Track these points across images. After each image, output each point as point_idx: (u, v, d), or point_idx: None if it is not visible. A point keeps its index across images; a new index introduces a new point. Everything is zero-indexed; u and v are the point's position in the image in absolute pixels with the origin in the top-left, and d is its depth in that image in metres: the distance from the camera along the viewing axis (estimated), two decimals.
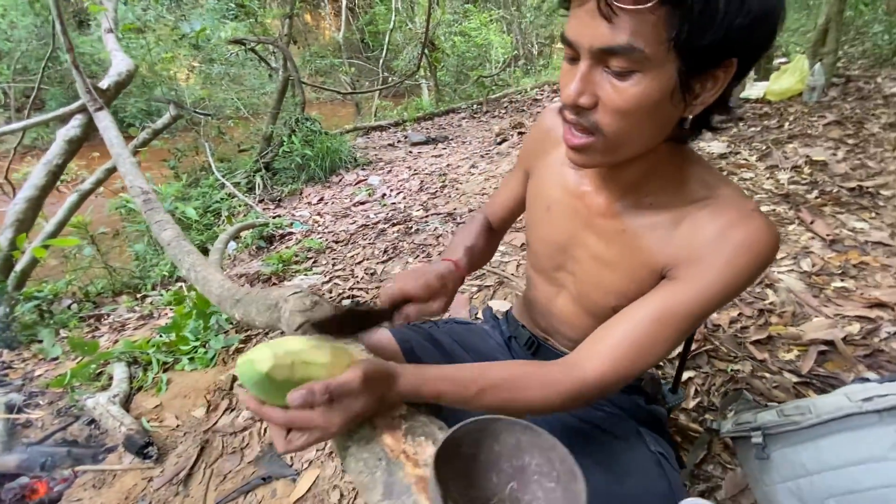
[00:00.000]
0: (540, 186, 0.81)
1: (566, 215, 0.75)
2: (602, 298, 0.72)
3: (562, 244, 0.76)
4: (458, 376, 0.60)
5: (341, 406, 0.53)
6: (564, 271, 0.78)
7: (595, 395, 0.62)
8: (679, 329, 0.61)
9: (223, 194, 4.65)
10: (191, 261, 1.53)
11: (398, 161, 5.00)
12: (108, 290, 3.30)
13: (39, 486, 1.41)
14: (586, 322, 0.78)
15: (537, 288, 0.87)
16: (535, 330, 0.95)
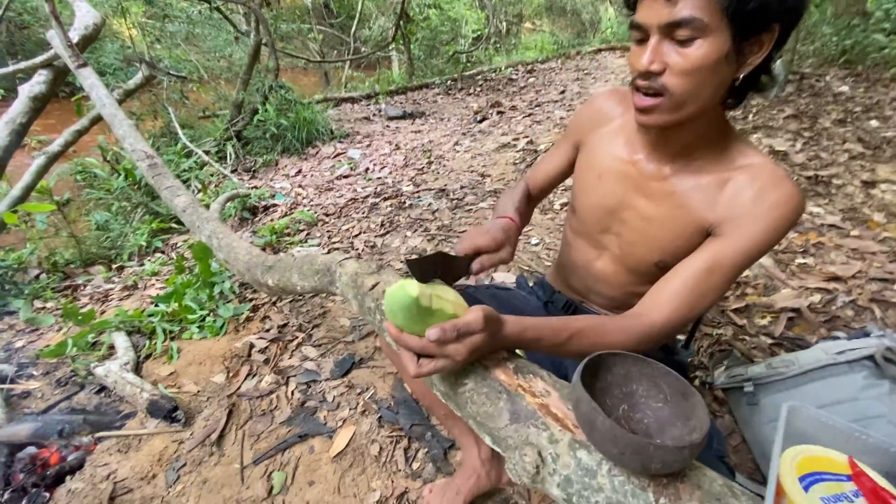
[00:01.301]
0: (591, 157, 0.92)
1: (617, 181, 0.86)
2: (647, 255, 0.83)
3: (611, 208, 0.87)
4: (552, 324, 0.70)
5: (467, 340, 0.62)
6: (610, 233, 0.89)
7: (662, 337, 0.74)
8: (728, 277, 0.73)
9: (191, 163, 4.43)
10: (211, 228, 1.52)
11: (376, 135, 4.95)
12: (77, 261, 3.12)
13: (53, 456, 1.39)
14: (626, 279, 0.90)
15: (577, 251, 0.98)
16: (571, 294, 1.06)
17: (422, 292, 0.59)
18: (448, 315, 0.62)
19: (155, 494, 1.25)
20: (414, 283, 0.59)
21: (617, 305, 0.96)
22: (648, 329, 0.73)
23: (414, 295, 0.58)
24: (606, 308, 0.99)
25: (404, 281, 0.60)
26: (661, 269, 0.80)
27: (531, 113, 4.69)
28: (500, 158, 3.51)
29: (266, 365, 1.66)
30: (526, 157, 3.45)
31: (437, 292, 0.62)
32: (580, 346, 0.70)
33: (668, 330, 0.74)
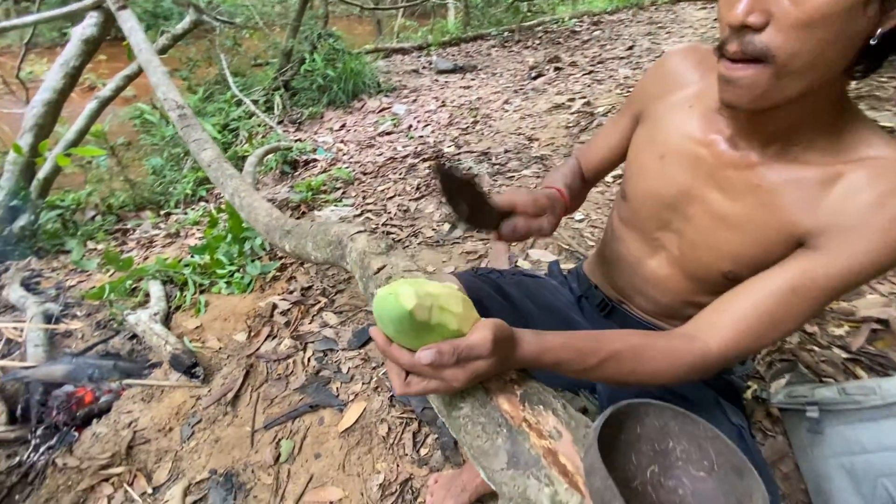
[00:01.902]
0: (654, 132, 0.73)
1: (684, 165, 0.68)
2: (713, 262, 0.66)
3: (672, 199, 0.69)
4: (578, 345, 0.56)
5: (468, 367, 0.50)
6: (668, 230, 0.72)
7: (716, 368, 0.59)
8: (816, 303, 0.56)
9: (241, 112, 4.45)
10: (234, 185, 1.46)
11: (424, 90, 4.73)
12: (130, 204, 3.26)
13: (86, 395, 1.45)
14: (684, 286, 0.73)
15: (626, 245, 0.81)
16: (610, 291, 0.90)
17: (419, 304, 0.47)
18: (450, 332, 0.50)
19: (169, 448, 1.28)
20: (410, 291, 0.47)
21: (667, 314, 0.80)
22: (700, 357, 0.58)
23: (408, 308, 0.46)
24: (653, 315, 0.83)
25: (399, 285, 0.49)
26: (731, 281, 0.64)
27: (592, 70, 4.28)
28: (552, 121, 3.24)
29: (286, 328, 1.64)
30: (580, 120, 3.16)
31: (441, 301, 0.50)
32: (612, 374, 0.57)
33: (725, 361, 0.59)
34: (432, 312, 0.49)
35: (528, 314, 0.94)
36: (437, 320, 0.49)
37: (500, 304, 0.94)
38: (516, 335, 0.54)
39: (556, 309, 0.95)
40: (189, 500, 1.16)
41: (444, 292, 0.51)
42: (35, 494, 1.16)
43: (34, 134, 2.45)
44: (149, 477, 1.21)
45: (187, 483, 1.19)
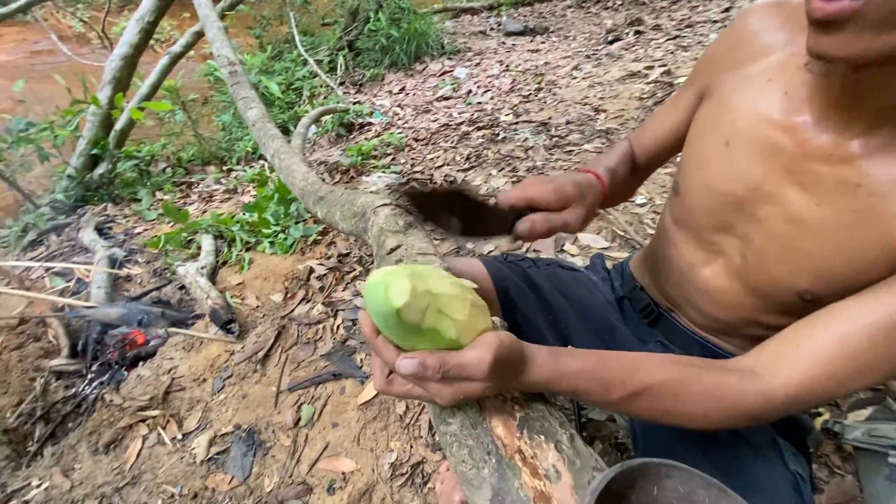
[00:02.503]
0: (721, 111, 0.58)
1: (755, 155, 0.54)
2: (786, 278, 0.53)
3: (737, 197, 0.56)
4: (602, 374, 0.46)
5: (457, 387, 0.42)
6: (730, 234, 0.59)
7: (778, 416, 0.48)
8: None
9: (306, 72, 4.49)
10: (275, 146, 1.44)
11: (489, 52, 4.49)
12: (197, 158, 3.43)
13: (139, 337, 1.55)
14: (746, 302, 0.60)
15: (676, 248, 0.68)
16: (658, 296, 0.77)
17: (410, 303, 0.39)
18: (445, 340, 0.42)
19: (201, 398, 1.33)
20: (404, 285, 0.39)
21: (724, 330, 0.67)
22: (761, 402, 0.46)
23: (396, 306, 0.39)
24: (707, 330, 0.70)
25: (394, 275, 0.40)
26: (807, 302, 0.52)
27: (678, 35, 3.82)
28: (624, 91, 2.94)
29: (320, 293, 1.64)
30: (657, 91, 2.84)
31: (441, 304, 0.41)
32: (644, 411, 0.47)
33: (792, 408, 0.47)
34: (426, 315, 0.41)
35: (557, 310, 0.84)
36: (430, 325, 0.41)
37: (528, 296, 0.84)
38: (527, 356, 0.45)
39: (591, 308, 0.84)
40: (213, 450, 1.20)
41: (449, 292, 0.42)
42: (83, 425, 1.27)
43: (112, 87, 2.60)
44: (180, 423, 1.27)
45: (213, 434, 1.24)
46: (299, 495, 1.10)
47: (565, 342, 0.82)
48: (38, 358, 1.48)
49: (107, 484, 1.13)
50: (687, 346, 0.72)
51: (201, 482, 1.14)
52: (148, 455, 1.20)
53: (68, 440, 1.24)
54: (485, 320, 0.46)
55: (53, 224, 2.28)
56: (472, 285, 0.49)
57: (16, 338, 1.53)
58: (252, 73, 3.87)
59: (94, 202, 2.57)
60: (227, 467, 1.16)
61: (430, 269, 0.45)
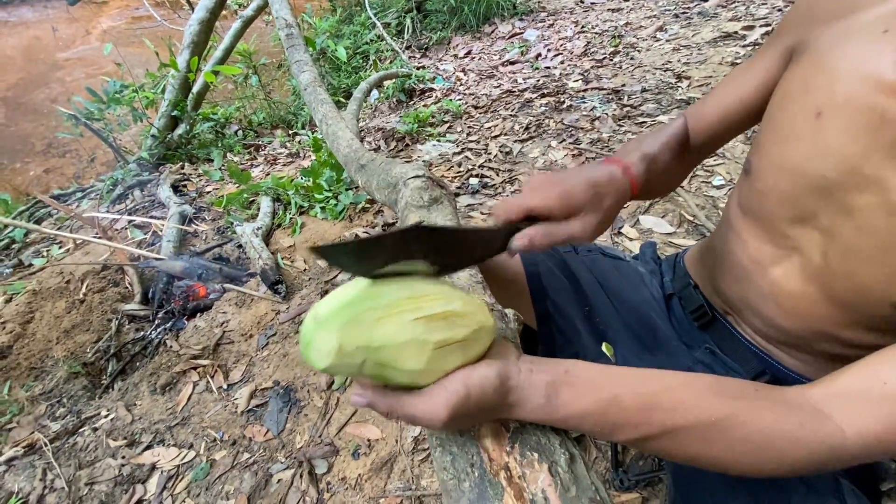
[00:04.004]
0: (815, 73, 0.47)
1: (854, 127, 0.43)
2: (882, 284, 0.43)
3: (829, 179, 0.45)
4: (611, 416, 0.38)
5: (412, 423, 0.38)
6: (811, 227, 0.49)
7: (847, 462, 0.38)
8: None
9: (373, 35, 4.46)
10: (324, 111, 1.44)
11: (564, 12, 4.17)
12: (267, 122, 3.57)
13: (201, 290, 1.67)
14: (824, 312, 0.50)
15: (742, 241, 0.57)
16: (713, 297, 0.67)
17: (334, 365, 0.33)
18: (398, 384, 0.37)
19: (247, 352, 1.41)
20: (331, 341, 0.33)
21: (792, 343, 0.57)
22: (827, 452, 0.37)
23: (320, 367, 0.33)
24: (770, 341, 0.59)
25: (328, 322, 0.33)
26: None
27: None
28: (715, 55, 2.59)
29: None
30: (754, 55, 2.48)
31: (385, 356, 0.34)
32: (670, 451, 0.39)
33: (864, 457, 0.37)
34: (364, 368, 0.35)
35: (594, 303, 0.76)
36: (371, 373, 0.35)
37: (562, 284, 0.77)
38: (512, 399, 0.38)
39: (633, 304, 0.75)
40: (253, 402, 1.28)
41: (401, 339, 0.34)
42: (146, 366, 1.40)
43: (190, 51, 2.73)
44: (226, 374, 1.36)
45: (254, 387, 1.31)
46: (326, 455, 1.13)
47: (600, 338, 0.74)
48: (116, 301, 1.64)
49: (161, 421, 1.25)
50: (741, 357, 0.62)
51: (240, 431, 1.21)
52: (197, 400, 1.29)
53: (133, 378, 1.37)
54: (475, 348, 0.39)
55: (138, 180, 2.49)
56: (478, 300, 0.41)
57: (99, 282, 1.71)
58: (321, 37, 3.91)
59: (173, 161, 2.77)
60: (264, 420, 1.23)
61: (400, 296, 0.36)
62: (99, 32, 6.93)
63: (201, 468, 1.13)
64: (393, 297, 0.36)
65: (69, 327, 1.53)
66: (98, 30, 7.03)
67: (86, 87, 2.70)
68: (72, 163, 4.37)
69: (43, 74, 5.86)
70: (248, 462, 1.14)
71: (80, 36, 6.82)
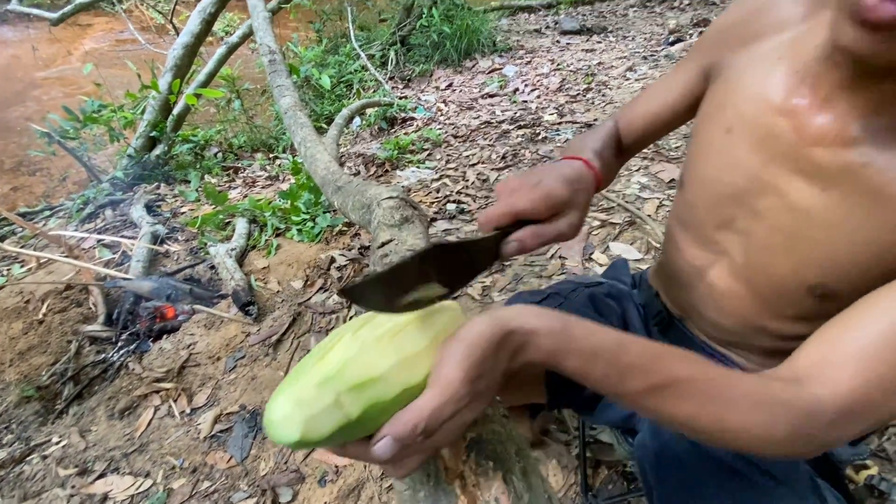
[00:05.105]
0: (726, 94, 0.53)
1: (754, 142, 0.50)
2: (793, 272, 0.49)
3: (739, 188, 0.52)
4: (621, 357, 0.37)
5: (449, 424, 0.35)
6: (731, 231, 0.55)
7: (827, 430, 0.38)
8: None
9: (357, 65, 4.57)
10: (303, 134, 1.46)
11: (541, 51, 4.37)
12: (247, 145, 3.58)
13: (169, 311, 1.63)
14: (751, 307, 0.55)
15: (681, 250, 0.63)
16: (671, 305, 0.70)
17: (304, 440, 0.31)
18: (398, 402, 0.34)
19: (213, 376, 1.37)
20: (296, 420, 0.31)
21: (732, 342, 0.61)
22: (807, 412, 0.37)
23: (288, 443, 0.31)
24: (715, 341, 0.64)
25: (279, 407, 0.31)
26: (820, 299, 0.47)
27: None
28: None
29: (339, 283, 1.65)
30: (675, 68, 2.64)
31: (356, 408, 0.32)
32: (667, 410, 0.38)
33: (843, 419, 0.37)
34: (333, 440, 0.32)
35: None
36: (358, 417, 0.32)
37: None
38: (518, 338, 0.35)
39: (636, 329, 0.76)
40: (217, 428, 1.23)
41: (359, 407, 0.32)
42: (104, 390, 1.34)
43: (173, 74, 2.75)
44: (190, 398, 1.31)
45: (219, 412, 1.26)
46: (291, 483, 1.09)
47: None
48: (77, 322, 1.58)
49: (117, 448, 1.19)
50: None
51: (202, 458, 1.16)
52: (157, 425, 1.24)
53: (90, 402, 1.31)
54: (443, 327, 0.38)
55: (110, 199, 2.45)
56: (450, 306, 0.41)
57: (61, 302, 1.65)
58: (305, 66, 3.99)
59: (149, 181, 2.73)
60: (228, 446, 1.18)
61: (355, 362, 0.33)
62: (81, 53, 6.91)
63: (157, 497, 1.08)
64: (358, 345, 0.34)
65: (25, 349, 1.46)
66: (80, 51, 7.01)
67: (62, 105, 2.67)
68: (42, 181, 4.25)
69: (19, 93, 5.77)
70: (208, 491, 1.09)
71: (61, 56, 6.79)
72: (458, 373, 0.32)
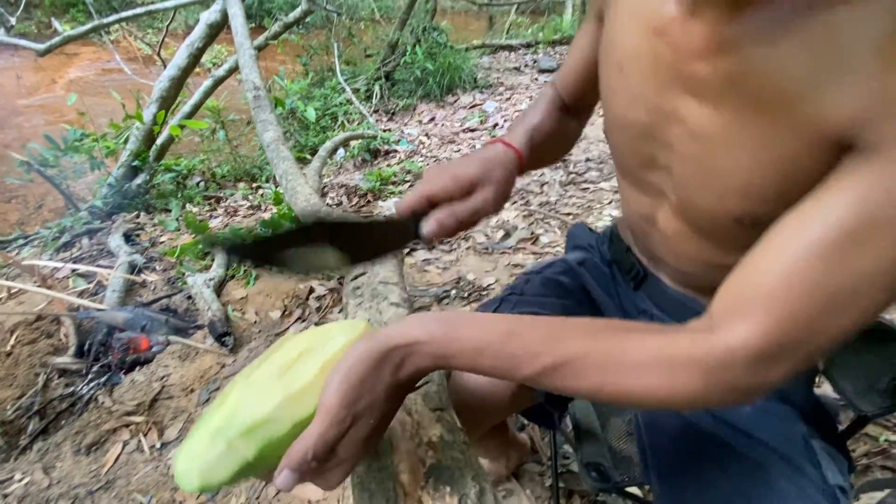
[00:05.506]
0: (613, 32, 0.51)
1: (646, 71, 0.47)
2: (715, 204, 0.45)
3: (646, 123, 0.48)
4: (508, 348, 0.38)
5: (345, 445, 0.38)
6: (657, 169, 0.51)
7: (748, 377, 0.36)
8: None
9: (342, 99, 4.69)
10: (284, 167, 1.50)
11: (520, 88, 4.57)
12: (231, 175, 3.60)
13: (143, 342, 1.60)
14: (700, 245, 0.52)
15: (628, 200, 0.62)
16: (641, 256, 0.68)
17: (205, 486, 0.35)
18: (289, 435, 0.37)
19: (186, 408, 1.35)
20: (191, 480, 0.35)
21: (698, 286, 0.59)
22: (720, 363, 0.35)
23: (192, 489, 0.35)
24: (685, 286, 0.62)
25: (180, 459, 0.35)
26: (751, 228, 0.43)
27: None
28: None
29: (317, 313, 1.66)
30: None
31: (249, 453, 0.35)
32: (570, 387, 0.38)
33: (760, 360, 0.35)
34: (237, 477, 0.36)
35: None
36: (254, 459, 0.36)
37: None
38: (401, 351, 0.38)
39: (592, 299, 0.74)
40: None
41: (265, 414, 0.35)
42: (71, 424, 1.30)
43: (158, 105, 2.79)
44: (161, 431, 1.29)
45: None
46: None
47: None
48: (47, 354, 1.54)
49: (82, 485, 1.15)
50: (675, 310, 0.63)
51: (170, 494, 1.13)
52: (125, 461, 1.21)
53: (55, 438, 1.27)
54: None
55: (88, 228, 2.43)
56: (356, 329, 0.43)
57: (31, 333, 1.61)
58: (291, 98, 4.08)
59: (129, 210, 2.72)
60: None
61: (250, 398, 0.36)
62: (65, 82, 6.93)
63: None
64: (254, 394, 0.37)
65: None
66: (65, 79, 7.03)
67: (44, 134, 2.68)
68: (17, 209, 4.17)
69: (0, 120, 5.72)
70: None
71: (45, 84, 6.79)
72: (335, 398, 0.35)
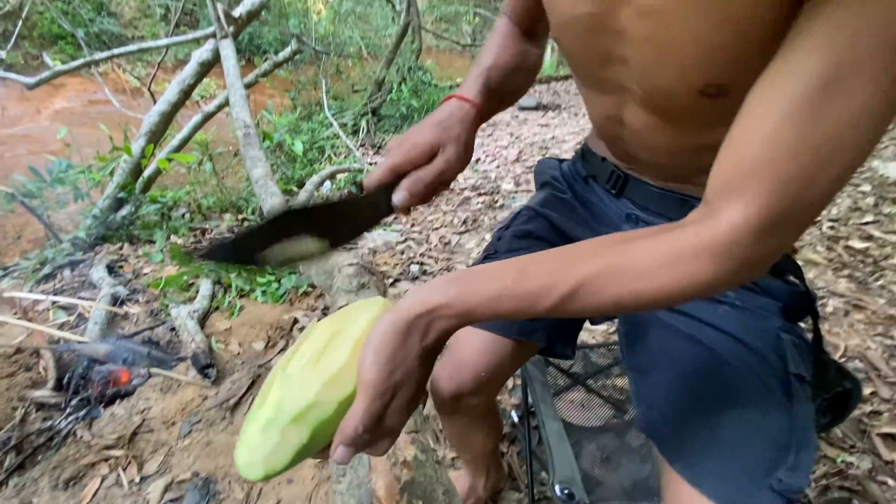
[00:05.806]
0: None
1: None
2: (678, 82, 0.44)
3: (594, 16, 0.47)
4: (523, 287, 0.38)
5: (391, 415, 0.40)
6: (614, 63, 0.50)
7: (759, 249, 0.35)
8: (886, 98, 0.31)
9: (330, 133, 4.82)
10: (272, 202, 1.56)
11: (502, 125, 4.77)
12: (216, 207, 3.63)
13: (123, 374, 1.60)
14: (670, 135, 0.52)
15: (593, 106, 0.62)
16: (618, 162, 0.68)
17: (268, 474, 0.39)
18: (334, 418, 0.40)
19: (167, 442, 1.35)
20: (256, 463, 0.39)
21: (681, 179, 0.60)
22: (726, 242, 0.35)
23: (258, 478, 0.39)
24: (674, 183, 0.61)
25: (240, 452, 0.40)
26: (717, 100, 0.43)
27: None
28: None
29: None
30: None
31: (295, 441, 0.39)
32: (590, 305, 0.38)
33: (768, 232, 0.34)
34: (293, 463, 0.40)
35: None
36: (303, 444, 0.39)
37: None
38: (423, 319, 0.38)
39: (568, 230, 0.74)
40: (167, 496, 1.20)
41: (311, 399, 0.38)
42: (49, 459, 1.29)
43: (146, 139, 2.85)
44: (141, 465, 1.28)
45: (171, 480, 1.24)
46: None
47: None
48: (25, 388, 1.53)
49: None
50: (661, 207, 0.63)
51: None
52: (104, 496, 1.20)
53: (33, 473, 1.25)
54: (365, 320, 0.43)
55: (70, 259, 2.42)
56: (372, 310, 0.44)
57: (9, 367, 1.60)
58: (279, 132, 4.18)
59: (112, 241, 2.73)
60: None
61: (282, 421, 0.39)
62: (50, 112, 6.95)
63: None
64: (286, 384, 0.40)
65: None
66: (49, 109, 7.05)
67: (29, 166, 2.70)
68: None
69: None
70: None
71: (30, 114, 6.80)
72: (373, 374, 0.37)
